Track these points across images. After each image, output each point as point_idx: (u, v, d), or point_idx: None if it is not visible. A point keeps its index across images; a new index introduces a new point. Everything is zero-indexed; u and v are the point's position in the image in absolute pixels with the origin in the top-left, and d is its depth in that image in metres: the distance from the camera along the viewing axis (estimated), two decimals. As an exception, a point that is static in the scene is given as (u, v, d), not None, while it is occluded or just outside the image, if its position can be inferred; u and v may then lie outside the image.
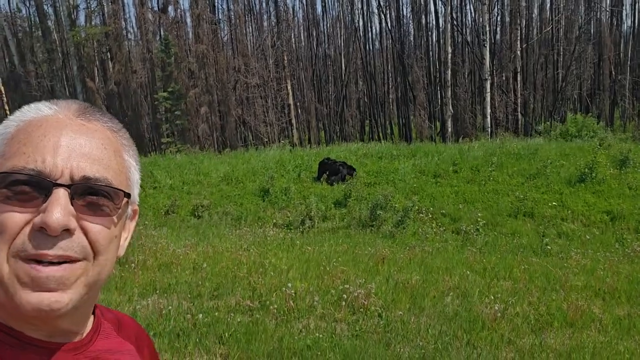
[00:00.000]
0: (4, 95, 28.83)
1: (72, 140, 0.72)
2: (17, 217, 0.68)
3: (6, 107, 28.12)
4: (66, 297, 0.69)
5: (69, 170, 0.70)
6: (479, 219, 11.30)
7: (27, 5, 37.31)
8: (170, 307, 5.33)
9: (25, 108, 0.77)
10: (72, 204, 0.70)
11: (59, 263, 0.69)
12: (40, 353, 0.71)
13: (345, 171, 14.69)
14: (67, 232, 0.69)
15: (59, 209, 0.67)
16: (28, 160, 0.69)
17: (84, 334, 0.79)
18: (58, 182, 0.69)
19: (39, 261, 0.68)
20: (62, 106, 0.77)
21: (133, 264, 6.85)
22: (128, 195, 0.78)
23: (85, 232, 0.71)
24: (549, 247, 9.26)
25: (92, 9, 33.38)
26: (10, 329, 0.71)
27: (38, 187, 0.69)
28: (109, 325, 0.85)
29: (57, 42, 34.32)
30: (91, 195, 0.72)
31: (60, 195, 0.68)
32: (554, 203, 12.30)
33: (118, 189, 0.75)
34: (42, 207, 0.68)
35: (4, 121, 0.76)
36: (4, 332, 0.71)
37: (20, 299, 0.67)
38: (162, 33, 32.26)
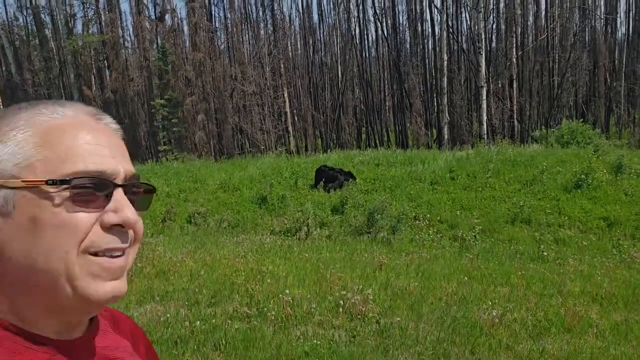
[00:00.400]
0: (0, 104, 28.79)
1: (111, 140, 0.76)
2: (85, 217, 0.70)
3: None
4: (125, 282, 0.76)
5: (124, 170, 0.74)
6: (475, 226, 11.32)
7: (25, 13, 37.40)
8: (167, 315, 5.32)
9: (32, 112, 0.75)
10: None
11: (122, 255, 0.74)
12: (48, 350, 0.72)
13: (343, 178, 14.69)
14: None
15: (128, 207, 0.73)
16: (87, 163, 0.71)
17: (84, 331, 0.79)
18: (117, 182, 0.73)
19: (106, 255, 0.72)
20: (78, 108, 0.78)
21: (130, 272, 6.82)
22: (154, 190, 0.83)
23: None
24: (545, 254, 9.27)
25: (90, 17, 33.47)
26: (18, 328, 0.71)
27: (101, 187, 0.71)
28: (105, 322, 0.86)
29: (55, 51, 34.37)
30: (135, 191, 0.77)
31: (122, 195, 0.73)
32: (548, 210, 12.33)
33: (149, 184, 0.81)
34: (107, 207, 0.72)
35: (17, 128, 0.73)
36: (12, 330, 0.71)
37: (96, 290, 0.71)
38: (159, 41, 32.34)
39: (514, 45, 31.85)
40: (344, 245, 10.25)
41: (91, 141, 0.73)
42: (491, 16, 33.70)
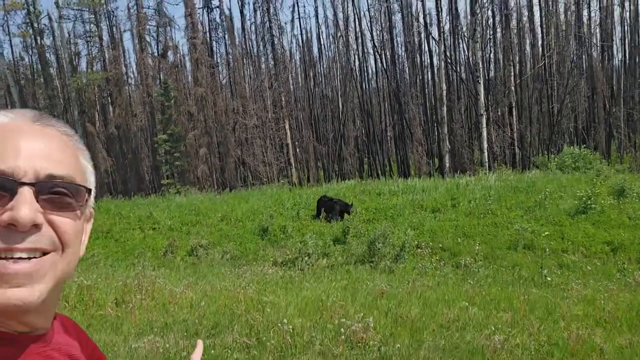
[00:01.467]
0: None
1: (33, 143, 0.76)
2: None
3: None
4: (36, 292, 0.71)
5: (33, 170, 0.73)
6: (478, 252, 11.25)
7: (30, 53, 38.18)
8: (167, 345, 5.27)
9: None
10: (37, 201, 0.73)
11: (28, 259, 0.71)
12: (8, 345, 0.73)
13: (338, 207, 14.67)
14: (35, 227, 0.72)
15: (26, 205, 0.71)
16: None
17: (48, 328, 0.81)
18: (22, 180, 0.72)
19: (7, 258, 0.70)
20: (18, 113, 0.80)
21: (130, 304, 6.80)
22: (89, 191, 0.82)
23: (53, 226, 0.74)
24: (549, 279, 9.19)
25: (94, 55, 34.11)
26: None
27: (3, 187, 0.71)
28: (57, 322, 0.88)
29: (59, 88, 34.95)
30: (55, 193, 0.75)
31: (26, 193, 0.72)
32: (551, 236, 12.25)
33: (81, 185, 0.79)
34: (8, 206, 0.71)
35: None
36: None
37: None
38: (161, 77, 32.87)
39: (512, 73, 32.24)
40: (345, 275, 10.20)
41: (3, 142, 0.74)
42: (488, 46, 34.20)
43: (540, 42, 36.39)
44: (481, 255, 11.32)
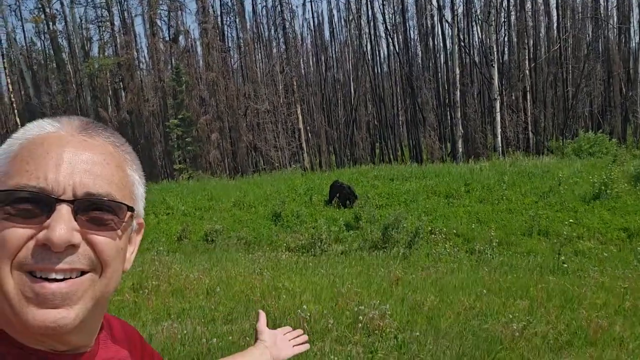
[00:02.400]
0: (20, 127, 29.34)
1: (74, 156, 0.73)
2: (19, 232, 0.68)
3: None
4: (72, 313, 0.69)
5: (72, 187, 0.70)
6: (492, 239, 11.18)
7: (42, 38, 38.30)
8: (184, 332, 5.30)
9: (29, 126, 0.77)
10: (75, 220, 0.70)
11: (65, 279, 0.69)
12: None
13: (350, 193, 14.59)
14: (72, 247, 0.69)
15: (62, 225, 0.68)
16: (30, 178, 0.70)
17: (91, 346, 0.78)
18: (61, 198, 0.70)
19: (46, 278, 0.68)
20: (65, 122, 0.77)
21: (146, 290, 6.84)
22: (132, 209, 0.78)
23: (92, 245, 0.72)
24: (565, 266, 9.11)
25: (105, 40, 34.13)
26: (17, 342, 0.71)
27: (41, 204, 0.69)
28: (104, 333, 0.85)
29: (71, 74, 35.05)
30: (95, 210, 0.72)
31: (64, 212, 0.69)
32: (571, 220, 12.13)
33: (121, 203, 0.75)
34: (45, 224, 0.68)
35: (8, 139, 0.76)
36: (11, 344, 0.70)
37: (26, 315, 0.67)
38: (173, 62, 32.84)
39: (527, 57, 31.78)
40: (359, 261, 10.19)
41: (45, 155, 0.72)
42: (502, 29, 33.70)
43: (555, 25, 35.81)
44: (495, 242, 11.25)
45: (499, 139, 26.59)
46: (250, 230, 13.85)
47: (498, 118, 26.63)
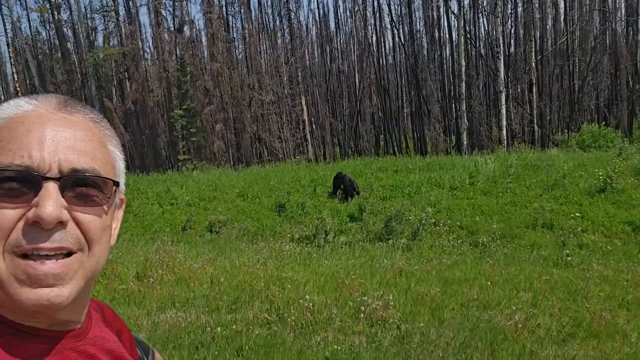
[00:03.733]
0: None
1: (57, 133, 0.73)
2: (9, 213, 0.68)
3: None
4: (66, 291, 0.70)
5: (57, 164, 0.71)
6: (495, 231, 11.17)
7: (47, 28, 38.27)
8: (189, 320, 5.34)
9: (4, 105, 0.77)
10: (62, 197, 0.70)
11: (55, 257, 0.69)
12: (42, 342, 0.71)
13: (347, 183, 14.53)
14: (61, 224, 0.70)
15: (51, 202, 0.68)
16: (15, 157, 0.69)
17: (82, 322, 0.79)
18: (47, 175, 0.70)
19: (35, 256, 0.69)
20: (42, 100, 0.77)
21: (151, 279, 6.88)
22: (117, 184, 0.79)
23: (78, 223, 0.72)
24: (569, 259, 9.10)
25: (110, 30, 34.08)
26: (10, 320, 0.71)
27: (27, 182, 0.69)
28: (96, 314, 0.86)
29: (76, 63, 35.06)
30: (80, 186, 0.73)
31: (51, 189, 0.69)
32: (577, 214, 12.11)
33: (107, 178, 0.76)
34: (33, 202, 0.69)
35: None
36: (4, 323, 0.71)
37: (19, 296, 0.68)
38: (178, 52, 32.77)
39: (533, 49, 31.54)
40: (363, 252, 10.21)
41: (26, 133, 0.71)
42: (509, 21, 33.48)
43: (562, 17, 35.53)
44: (499, 234, 11.24)
45: (504, 131, 26.49)
46: (254, 221, 13.88)
47: (503, 111, 26.50)
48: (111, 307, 0.98)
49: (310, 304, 5.70)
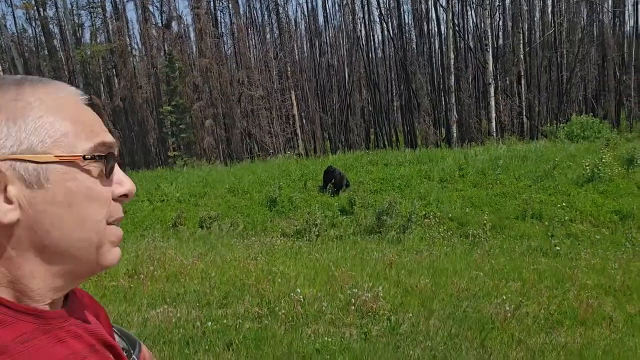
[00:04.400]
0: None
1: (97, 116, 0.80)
2: (109, 189, 0.76)
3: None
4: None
5: (114, 144, 0.78)
6: (485, 223, 11.25)
7: (33, 25, 37.87)
8: (179, 315, 5.34)
9: (44, 85, 0.76)
10: None
11: None
12: (32, 321, 0.72)
13: (337, 177, 14.55)
14: None
15: (128, 178, 0.79)
16: (104, 137, 0.76)
17: (67, 304, 0.80)
18: (115, 154, 0.78)
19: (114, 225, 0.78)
20: (68, 87, 0.80)
21: (142, 275, 6.87)
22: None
23: None
24: (558, 248, 9.20)
25: (97, 26, 33.79)
26: (3, 299, 0.71)
27: (111, 161, 0.76)
28: (76, 299, 0.87)
29: (63, 60, 34.74)
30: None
31: (118, 166, 0.78)
32: (564, 204, 12.22)
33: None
34: (115, 179, 0.77)
35: (31, 105, 0.72)
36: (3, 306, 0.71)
37: (112, 256, 0.78)
38: (166, 48, 32.57)
39: (521, 41, 31.68)
40: (354, 245, 10.25)
41: (94, 117, 0.78)
42: (497, 13, 33.56)
43: (550, 9, 35.66)
44: (489, 225, 11.33)
45: (494, 123, 26.60)
46: (244, 217, 13.88)
47: (492, 103, 26.60)
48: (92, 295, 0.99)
49: (301, 297, 5.72)
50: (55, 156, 0.70)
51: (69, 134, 0.72)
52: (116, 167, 0.77)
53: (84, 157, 0.72)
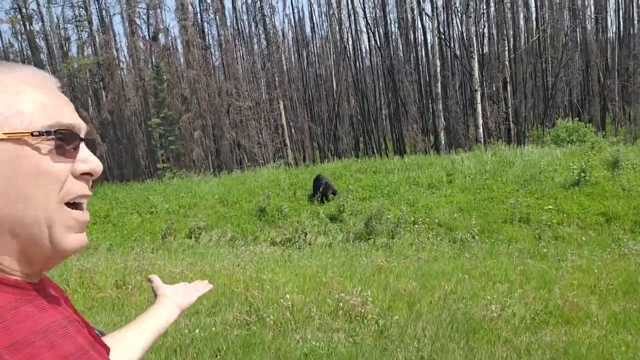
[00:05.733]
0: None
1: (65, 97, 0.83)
2: (64, 167, 0.76)
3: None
4: (86, 236, 0.82)
5: (82, 125, 0.81)
6: (474, 227, 11.33)
7: (19, 39, 37.72)
8: (167, 325, 5.33)
9: (8, 65, 0.81)
10: None
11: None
12: (15, 292, 0.75)
13: (324, 186, 14.58)
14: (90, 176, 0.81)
15: (94, 157, 0.80)
16: (63, 117, 0.78)
17: (39, 278, 0.83)
18: (81, 135, 0.80)
19: (79, 205, 0.79)
20: (33, 68, 0.84)
21: (130, 285, 6.85)
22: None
23: None
24: (545, 250, 9.28)
25: (84, 40, 33.74)
26: None
27: (72, 141, 0.78)
28: (44, 277, 0.90)
29: (51, 74, 34.55)
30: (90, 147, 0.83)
31: (85, 147, 0.80)
32: (549, 207, 12.35)
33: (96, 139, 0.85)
34: (78, 157, 0.78)
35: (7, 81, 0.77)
36: None
37: (66, 241, 0.76)
38: (153, 60, 32.57)
39: (506, 48, 32.01)
40: (343, 252, 10.27)
41: (59, 97, 0.80)
42: (482, 20, 33.96)
43: (534, 16, 36.17)
44: (477, 230, 11.40)
45: (481, 129, 26.82)
46: (234, 226, 13.86)
47: (479, 109, 26.83)
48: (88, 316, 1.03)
49: (290, 304, 5.73)
50: (3, 133, 0.72)
51: (23, 113, 0.74)
52: (83, 146, 0.79)
53: (32, 134, 0.73)
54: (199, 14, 36.33)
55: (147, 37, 33.84)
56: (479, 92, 26.90)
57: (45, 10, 33.65)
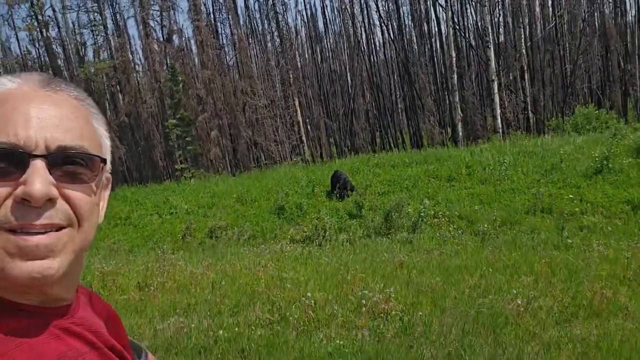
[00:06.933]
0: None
1: (42, 111, 0.72)
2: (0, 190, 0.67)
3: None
4: (56, 263, 0.70)
5: (44, 141, 0.70)
6: (495, 219, 11.17)
7: (37, 46, 38.23)
8: (191, 326, 5.33)
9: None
10: (50, 174, 0.70)
11: (45, 232, 0.69)
12: (27, 317, 0.71)
13: (342, 181, 14.47)
14: (50, 201, 0.69)
15: (40, 179, 0.68)
16: (0, 135, 0.69)
17: (71, 301, 0.79)
18: (34, 153, 0.69)
19: (24, 233, 0.68)
20: (25, 78, 0.76)
21: (152, 287, 6.88)
22: (104, 161, 0.79)
23: (67, 200, 0.72)
24: (570, 241, 9.10)
25: (99, 44, 34.09)
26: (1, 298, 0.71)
27: (14, 160, 0.68)
28: (85, 300, 0.86)
29: (68, 79, 34.97)
30: (68, 164, 0.72)
31: (39, 166, 0.69)
32: (571, 196, 12.12)
33: (94, 155, 0.76)
34: (21, 180, 0.68)
35: None
36: None
37: (11, 269, 0.68)
38: (168, 62, 32.77)
39: (523, 36, 31.55)
40: (364, 248, 10.20)
41: (12, 112, 0.71)
42: (497, 9, 33.49)
43: (550, 2, 35.52)
44: (499, 222, 11.24)
45: (499, 120, 26.47)
46: (253, 225, 13.87)
47: (497, 99, 26.49)
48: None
49: (312, 302, 5.69)
50: None
51: None
52: (35, 166, 0.69)
53: None
54: (212, 14, 36.47)
55: (161, 39, 34.06)
56: (495, 82, 26.56)
57: (60, 17, 34.08)
